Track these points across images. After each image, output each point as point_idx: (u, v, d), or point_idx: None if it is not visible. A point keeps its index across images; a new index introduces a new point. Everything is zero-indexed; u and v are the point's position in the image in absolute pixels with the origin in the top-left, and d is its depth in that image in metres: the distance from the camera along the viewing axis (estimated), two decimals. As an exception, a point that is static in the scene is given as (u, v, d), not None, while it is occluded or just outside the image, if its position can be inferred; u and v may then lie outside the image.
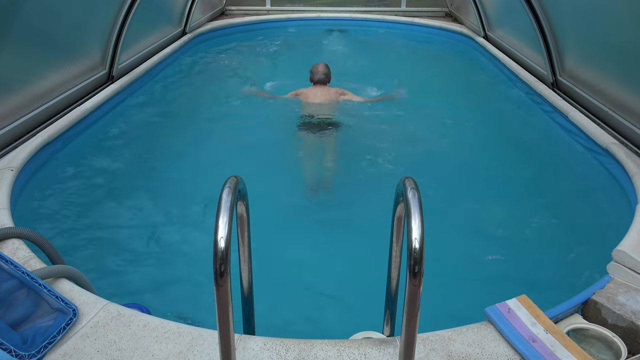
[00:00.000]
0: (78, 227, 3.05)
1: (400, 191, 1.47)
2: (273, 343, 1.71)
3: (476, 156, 4.04)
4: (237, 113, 4.96)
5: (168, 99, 5.21)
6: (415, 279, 1.31)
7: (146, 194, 3.44)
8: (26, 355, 1.60)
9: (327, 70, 4.69)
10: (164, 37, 6.39)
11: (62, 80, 4.11)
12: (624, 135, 3.53)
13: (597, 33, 3.88)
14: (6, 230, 2.20)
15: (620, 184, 3.20)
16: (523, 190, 3.54)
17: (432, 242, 1.49)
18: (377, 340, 1.74)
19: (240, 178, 1.45)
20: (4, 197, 2.66)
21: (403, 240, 1.65)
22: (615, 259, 2.11)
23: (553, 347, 1.67)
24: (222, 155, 4.06)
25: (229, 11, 9.15)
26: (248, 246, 1.70)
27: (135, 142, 4.16)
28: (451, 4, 8.71)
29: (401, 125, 4.59)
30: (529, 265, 2.78)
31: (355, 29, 8.50)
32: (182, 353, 1.68)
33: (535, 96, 4.84)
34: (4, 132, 3.30)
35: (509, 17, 5.93)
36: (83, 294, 1.94)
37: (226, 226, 1.29)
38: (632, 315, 1.80)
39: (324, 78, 4.67)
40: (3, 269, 1.78)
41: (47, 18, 3.74)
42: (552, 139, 4.24)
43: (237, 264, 1.70)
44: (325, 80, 4.68)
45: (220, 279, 1.29)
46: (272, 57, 7.06)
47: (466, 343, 1.73)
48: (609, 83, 3.80)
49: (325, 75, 4.67)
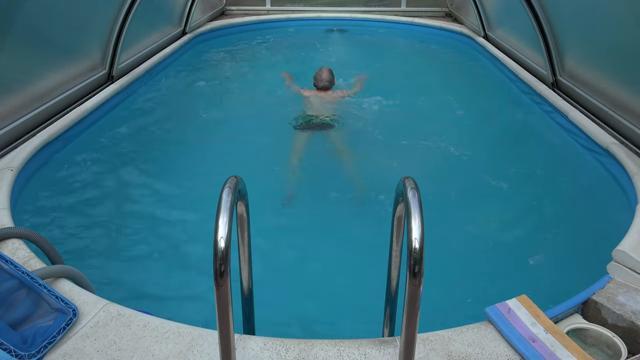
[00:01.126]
0: (78, 227, 3.05)
1: (400, 191, 1.46)
2: (273, 343, 1.71)
3: (476, 156, 4.04)
4: (237, 113, 4.96)
5: (168, 99, 5.21)
6: (415, 279, 1.31)
7: (146, 193, 3.44)
8: (26, 355, 1.60)
9: (331, 77, 4.80)
10: (164, 37, 6.39)
11: (62, 80, 4.11)
12: (624, 135, 3.53)
13: (597, 33, 3.88)
14: (6, 230, 2.20)
15: (620, 184, 3.20)
16: (523, 190, 3.54)
17: (432, 242, 1.49)
18: (377, 340, 1.74)
19: (240, 178, 1.45)
20: (4, 197, 2.66)
21: (403, 240, 1.64)
22: (615, 259, 2.11)
23: (553, 347, 1.67)
24: (222, 155, 4.06)
25: (229, 11, 9.15)
26: (248, 246, 1.70)
27: (135, 142, 4.16)
28: (451, 4, 8.70)
29: (402, 125, 4.59)
30: (529, 265, 2.77)
31: (355, 29, 8.50)
32: (182, 353, 1.68)
33: (535, 96, 4.84)
34: (4, 132, 3.30)
35: (509, 17, 5.93)
36: (83, 294, 1.94)
37: (226, 226, 1.29)
38: (632, 315, 1.80)
39: (328, 85, 4.77)
40: (3, 269, 1.78)
41: (47, 18, 3.74)
42: (552, 139, 4.24)
43: (237, 264, 1.70)
44: (329, 86, 4.78)
45: (220, 279, 1.29)
46: (272, 57, 7.06)
47: (466, 343, 1.73)
48: (609, 83, 3.80)
49: (329, 82, 4.78)
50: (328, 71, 4.81)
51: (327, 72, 4.79)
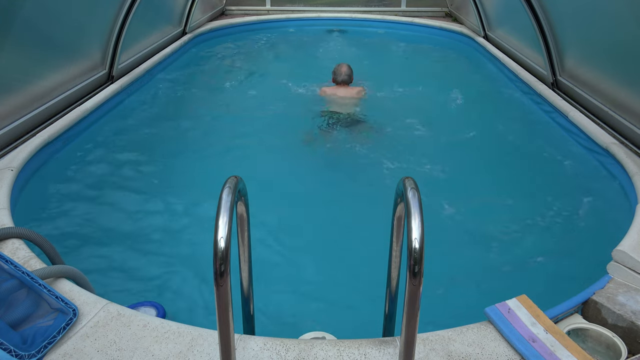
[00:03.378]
0: (78, 227, 3.04)
1: (400, 191, 1.46)
2: (273, 343, 1.72)
3: (475, 156, 4.04)
4: (237, 112, 4.96)
5: (168, 99, 5.21)
6: (415, 279, 1.31)
7: (146, 193, 3.44)
8: (26, 355, 1.60)
9: (350, 71, 4.84)
10: (164, 37, 6.39)
11: (62, 80, 4.11)
12: (624, 135, 3.53)
13: (597, 33, 3.88)
14: (6, 230, 2.20)
15: (620, 184, 3.20)
16: (522, 190, 3.54)
17: (432, 241, 1.49)
18: (377, 340, 1.74)
19: (240, 178, 1.45)
20: (4, 197, 2.66)
21: (403, 240, 1.65)
22: (615, 259, 2.11)
23: (553, 347, 1.67)
24: (221, 155, 4.06)
25: (229, 11, 9.15)
26: (248, 246, 1.70)
27: (135, 142, 4.16)
28: (451, 4, 8.71)
29: (402, 122, 4.60)
30: (528, 265, 2.78)
31: (355, 29, 8.50)
32: (182, 353, 1.68)
33: (535, 96, 4.84)
34: (4, 132, 3.30)
35: (509, 17, 5.94)
36: (83, 294, 1.94)
37: (226, 226, 1.29)
38: (632, 315, 1.80)
39: (347, 79, 4.82)
40: (3, 269, 1.78)
41: (47, 18, 3.74)
42: (552, 139, 4.24)
43: (237, 264, 1.70)
44: (348, 81, 4.82)
45: (220, 279, 1.29)
46: (272, 57, 7.06)
47: (466, 343, 1.73)
48: (609, 83, 3.80)
49: (348, 76, 4.82)
50: (347, 66, 4.85)
51: (346, 67, 4.84)
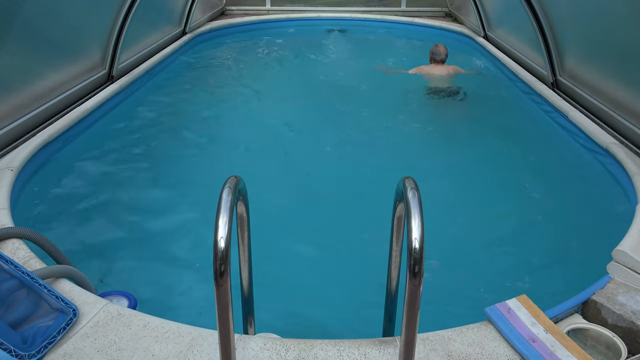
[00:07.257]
0: (78, 227, 3.04)
1: (400, 191, 1.46)
2: (273, 343, 1.71)
3: (475, 156, 4.04)
4: (237, 112, 4.96)
5: (168, 99, 5.21)
6: (415, 279, 1.31)
7: (147, 193, 3.44)
8: (26, 355, 1.60)
9: (446, 51, 5.66)
10: (164, 37, 6.39)
11: (62, 80, 4.11)
12: (624, 135, 3.53)
13: (597, 33, 3.88)
14: (6, 230, 2.20)
15: (621, 184, 3.20)
16: (522, 190, 3.54)
17: (432, 241, 1.49)
18: (377, 340, 1.74)
19: (240, 178, 1.45)
20: (4, 197, 2.66)
21: (403, 240, 1.65)
22: (615, 259, 2.11)
23: (553, 347, 1.67)
24: (222, 155, 4.06)
25: (229, 11, 9.15)
26: (248, 246, 1.70)
27: (135, 142, 4.16)
28: (451, 4, 8.71)
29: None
30: (528, 265, 2.77)
31: (355, 29, 8.50)
32: (182, 353, 1.68)
33: (535, 96, 4.84)
34: (4, 132, 3.30)
35: (509, 17, 5.93)
36: (83, 294, 1.94)
37: (226, 226, 1.29)
38: (632, 315, 1.80)
39: (445, 58, 5.66)
40: (3, 269, 1.78)
41: (47, 18, 3.74)
42: (552, 139, 4.24)
43: (237, 264, 1.70)
44: (445, 59, 5.67)
45: (220, 278, 1.29)
46: (272, 57, 7.06)
47: (466, 343, 1.73)
48: (609, 83, 3.80)
49: (446, 55, 5.66)
50: (443, 46, 5.65)
51: (443, 47, 5.65)
